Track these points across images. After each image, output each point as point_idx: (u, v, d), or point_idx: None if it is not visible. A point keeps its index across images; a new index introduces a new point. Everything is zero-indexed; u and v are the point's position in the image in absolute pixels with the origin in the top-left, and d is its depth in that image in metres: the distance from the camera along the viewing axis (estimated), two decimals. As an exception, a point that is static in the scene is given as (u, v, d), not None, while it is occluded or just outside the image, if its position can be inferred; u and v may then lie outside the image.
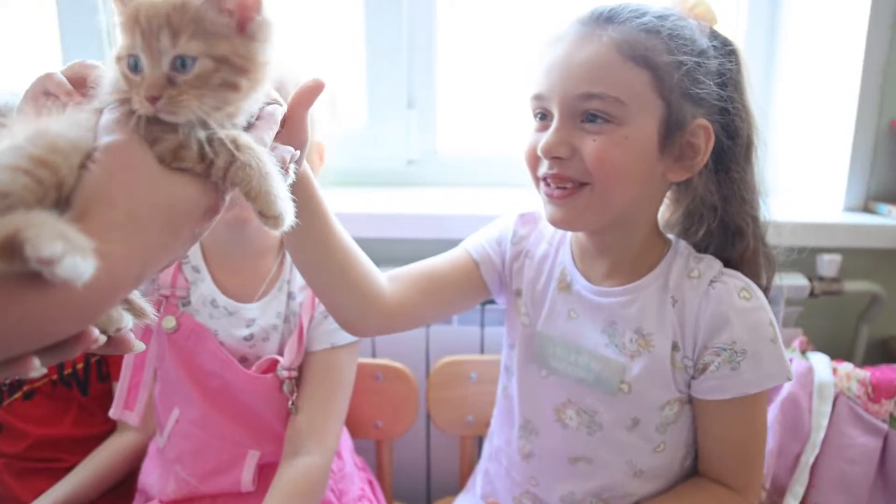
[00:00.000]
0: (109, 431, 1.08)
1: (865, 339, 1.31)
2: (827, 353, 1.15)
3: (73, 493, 0.97)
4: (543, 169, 0.76)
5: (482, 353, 1.20)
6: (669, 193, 0.83)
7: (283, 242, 0.93)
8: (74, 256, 0.34)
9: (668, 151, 0.75)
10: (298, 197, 0.50)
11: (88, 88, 0.48)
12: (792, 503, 1.04)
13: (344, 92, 1.39)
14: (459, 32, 1.40)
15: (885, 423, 1.05)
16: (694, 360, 0.78)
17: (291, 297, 0.95)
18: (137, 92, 0.44)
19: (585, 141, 0.73)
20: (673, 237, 0.84)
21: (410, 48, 1.37)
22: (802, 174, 1.36)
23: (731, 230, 0.79)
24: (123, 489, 1.05)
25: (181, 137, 0.44)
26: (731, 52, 0.77)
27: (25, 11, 1.41)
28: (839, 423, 1.07)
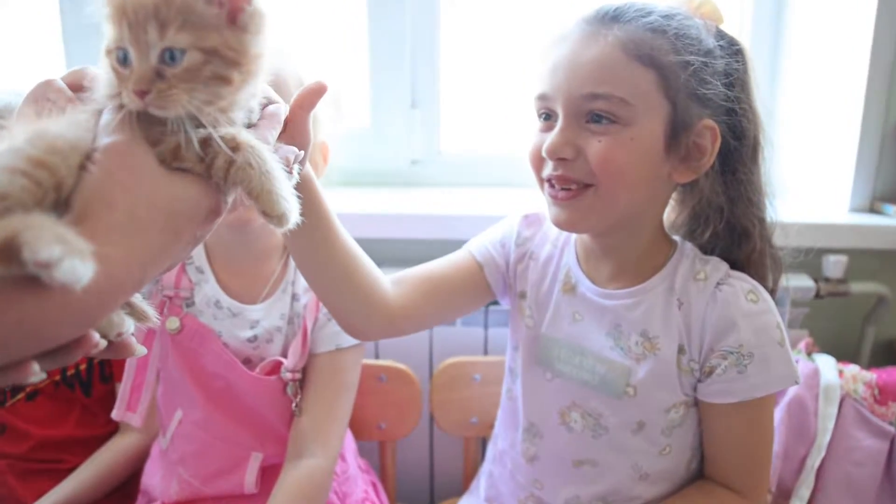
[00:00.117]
0: (112, 432, 1.08)
1: (871, 340, 1.31)
2: (832, 354, 1.15)
3: (74, 494, 0.97)
4: (548, 170, 0.76)
5: (486, 354, 1.20)
6: (675, 194, 0.83)
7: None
8: (73, 260, 0.34)
9: (673, 152, 0.74)
10: (300, 194, 0.49)
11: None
12: (797, 506, 1.04)
13: (347, 92, 1.39)
14: (462, 32, 1.40)
15: (891, 425, 1.05)
16: (700, 363, 0.77)
17: (295, 298, 0.95)
18: (126, 86, 0.42)
19: (590, 142, 0.72)
20: (679, 239, 0.83)
21: (414, 48, 1.36)
22: (808, 175, 1.35)
23: (737, 232, 0.79)
24: (126, 490, 1.05)
25: (180, 137, 0.43)
26: (737, 51, 0.76)
27: (27, 10, 1.41)
28: (845, 425, 1.07)
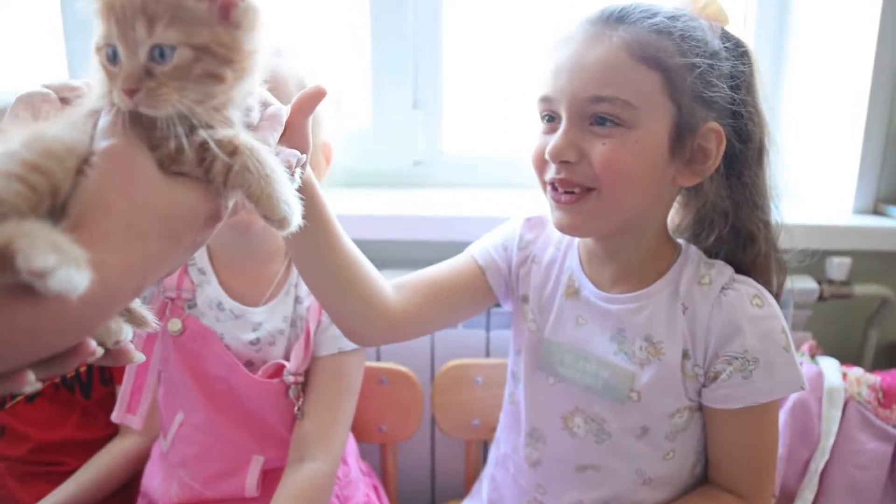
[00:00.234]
0: (112, 435, 1.07)
1: (875, 342, 1.30)
2: (835, 356, 1.14)
3: (74, 496, 0.96)
4: (551, 173, 0.75)
5: (488, 356, 1.19)
6: (679, 198, 0.82)
7: None
8: (68, 268, 0.33)
9: (678, 155, 0.73)
10: (304, 208, 0.49)
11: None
12: (801, 510, 1.04)
13: (349, 92, 1.38)
14: (465, 32, 1.39)
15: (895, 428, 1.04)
16: (705, 368, 0.77)
17: (298, 301, 0.94)
18: (115, 85, 0.41)
19: (594, 145, 0.71)
20: (683, 242, 0.82)
21: (416, 48, 1.35)
22: (811, 176, 1.35)
23: (742, 236, 0.78)
24: (126, 492, 1.04)
25: (179, 140, 0.42)
26: (743, 53, 0.75)
27: (28, 7, 1.40)
28: (849, 428, 1.06)
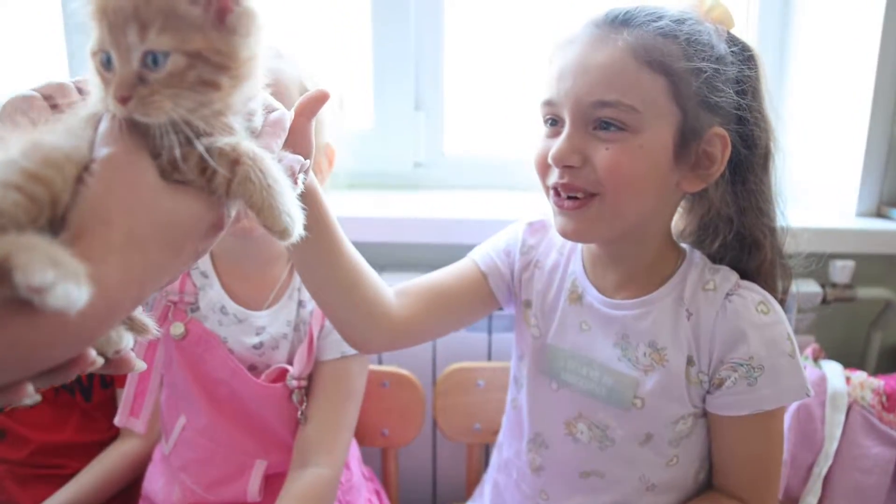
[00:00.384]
0: (112, 438, 1.07)
1: (878, 345, 1.30)
2: (838, 360, 1.14)
3: (75, 499, 0.96)
4: (553, 178, 0.74)
5: (489, 360, 1.19)
6: (683, 202, 0.82)
7: None
8: (67, 284, 0.33)
9: (683, 160, 0.73)
10: (304, 206, 0.48)
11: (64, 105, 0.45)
12: (804, 514, 1.03)
13: (351, 94, 1.38)
14: (467, 34, 1.39)
15: (899, 433, 1.04)
16: (709, 374, 0.76)
17: (301, 305, 0.94)
18: (109, 91, 0.40)
19: (598, 149, 0.70)
20: (687, 247, 0.82)
21: (418, 50, 1.35)
22: (814, 179, 1.34)
23: (747, 242, 0.78)
24: (127, 496, 1.04)
25: (180, 150, 0.41)
26: (749, 57, 0.75)
27: (28, 8, 1.39)
28: (853, 433, 1.06)
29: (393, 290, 0.81)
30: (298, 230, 0.44)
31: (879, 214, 1.28)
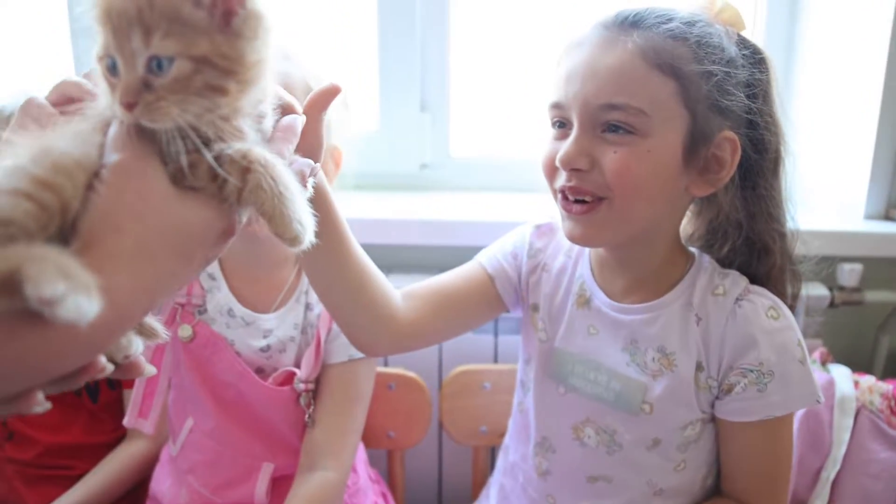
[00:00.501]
0: (119, 439, 1.07)
1: (886, 349, 1.29)
2: (846, 363, 1.13)
3: (83, 501, 0.96)
4: (561, 181, 0.73)
5: (496, 362, 1.19)
6: (691, 206, 0.81)
7: None
8: (77, 296, 0.32)
9: (692, 165, 0.72)
10: (313, 208, 0.47)
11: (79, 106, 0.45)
12: (812, 519, 1.03)
13: (357, 95, 1.37)
14: (473, 34, 1.38)
15: (907, 438, 1.03)
16: (718, 380, 0.76)
17: (309, 308, 0.93)
18: (115, 97, 0.40)
19: (606, 152, 0.70)
20: (696, 251, 0.81)
21: (424, 51, 1.35)
22: (822, 182, 1.34)
23: (757, 247, 0.77)
24: (134, 496, 1.04)
25: (191, 157, 0.41)
26: (760, 60, 0.74)
27: (33, 6, 1.39)
28: (861, 437, 1.05)
29: (399, 292, 0.80)
30: (309, 237, 0.44)
31: (888, 217, 1.27)
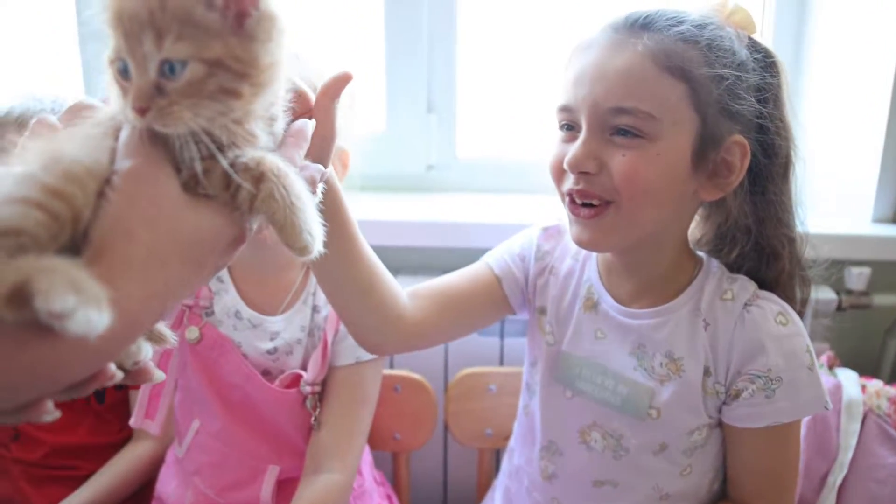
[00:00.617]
0: (125, 440, 1.07)
1: (893, 353, 1.28)
2: (853, 367, 1.13)
3: (89, 501, 0.96)
4: (569, 184, 0.73)
5: (502, 364, 1.18)
6: (700, 210, 0.80)
7: None
8: (87, 310, 0.32)
9: (701, 169, 0.71)
10: (324, 208, 0.47)
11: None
12: (819, 524, 1.03)
13: (363, 96, 1.37)
14: (480, 35, 1.38)
15: (915, 443, 1.03)
16: (726, 385, 0.75)
17: (316, 310, 0.93)
18: (127, 101, 0.39)
19: (614, 156, 0.69)
20: (704, 255, 0.81)
21: (430, 51, 1.34)
22: (830, 185, 1.33)
23: (766, 252, 0.77)
24: (140, 497, 1.04)
25: (205, 164, 0.40)
26: (771, 64, 0.73)
27: (42, 9, 1.39)
28: (868, 442, 1.05)
29: (406, 291, 0.80)
30: (318, 248, 0.44)
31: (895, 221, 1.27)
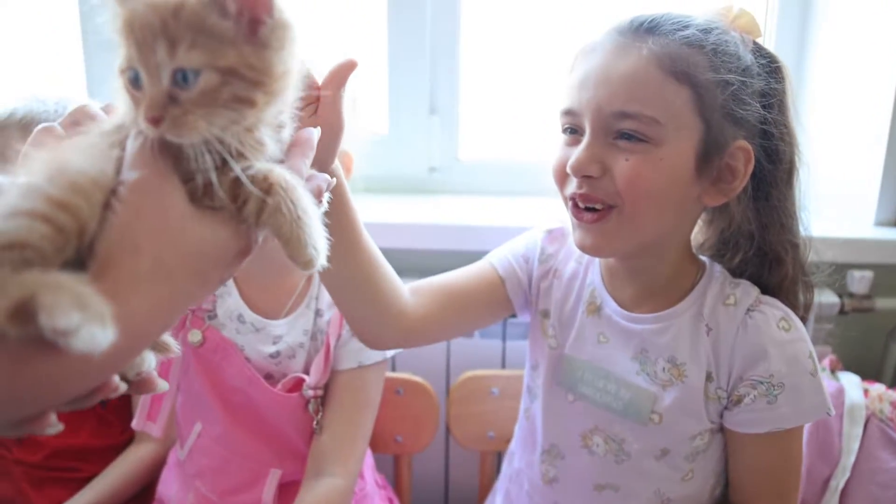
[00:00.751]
0: (127, 441, 1.08)
1: (895, 357, 1.28)
2: (856, 371, 1.13)
3: (91, 503, 0.96)
4: (572, 188, 0.73)
5: (504, 367, 1.19)
6: (703, 214, 0.80)
7: None
8: (92, 327, 0.32)
9: (704, 174, 0.71)
10: (329, 205, 0.47)
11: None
12: (821, 528, 1.03)
13: (366, 98, 1.37)
14: (483, 37, 1.38)
15: (918, 448, 1.03)
16: (728, 391, 0.75)
17: (319, 314, 0.93)
18: (139, 111, 0.39)
19: (618, 160, 0.69)
20: (707, 260, 0.81)
21: (433, 53, 1.34)
22: (832, 189, 1.33)
23: (769, 258, 0.76)
24: (142, 498, 1.04)
25: (211, 175, 0.40)
26: (776, 69, 0.73)
27: (46, 14, 1.39)
28: (870, 446, 1.05)
29: (408, 287, 0.80)
30: (322, 262, 0.44)
31: (898, 224, 1.27)
